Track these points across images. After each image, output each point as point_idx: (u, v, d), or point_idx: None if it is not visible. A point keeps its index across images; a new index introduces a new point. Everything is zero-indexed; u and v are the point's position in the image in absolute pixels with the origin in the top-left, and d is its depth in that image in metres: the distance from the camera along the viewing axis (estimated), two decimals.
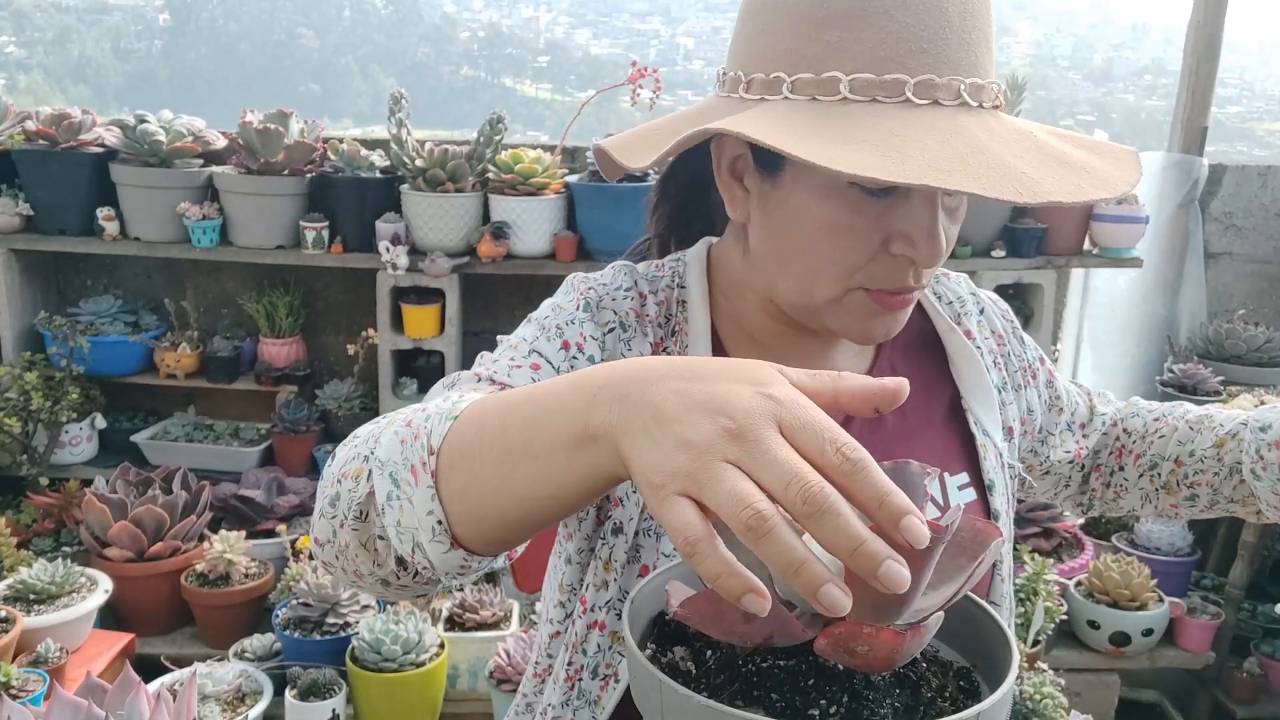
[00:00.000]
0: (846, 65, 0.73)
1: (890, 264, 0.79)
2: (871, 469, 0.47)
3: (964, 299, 1.02)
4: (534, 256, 2.75)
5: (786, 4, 0.76)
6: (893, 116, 0.71)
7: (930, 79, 0.72)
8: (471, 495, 0.60)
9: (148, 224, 2.74)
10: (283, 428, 2.84)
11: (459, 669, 2.43)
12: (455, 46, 77.48)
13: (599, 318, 0.88)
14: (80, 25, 63.79)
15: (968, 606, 0.64)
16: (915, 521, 0.46)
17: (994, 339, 1.02)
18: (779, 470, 0.47)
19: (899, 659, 0.54)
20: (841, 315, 0.83)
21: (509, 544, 0.64)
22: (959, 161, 0.68)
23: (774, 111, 0.74)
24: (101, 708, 0.93)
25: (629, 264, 0.95)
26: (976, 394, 0.96)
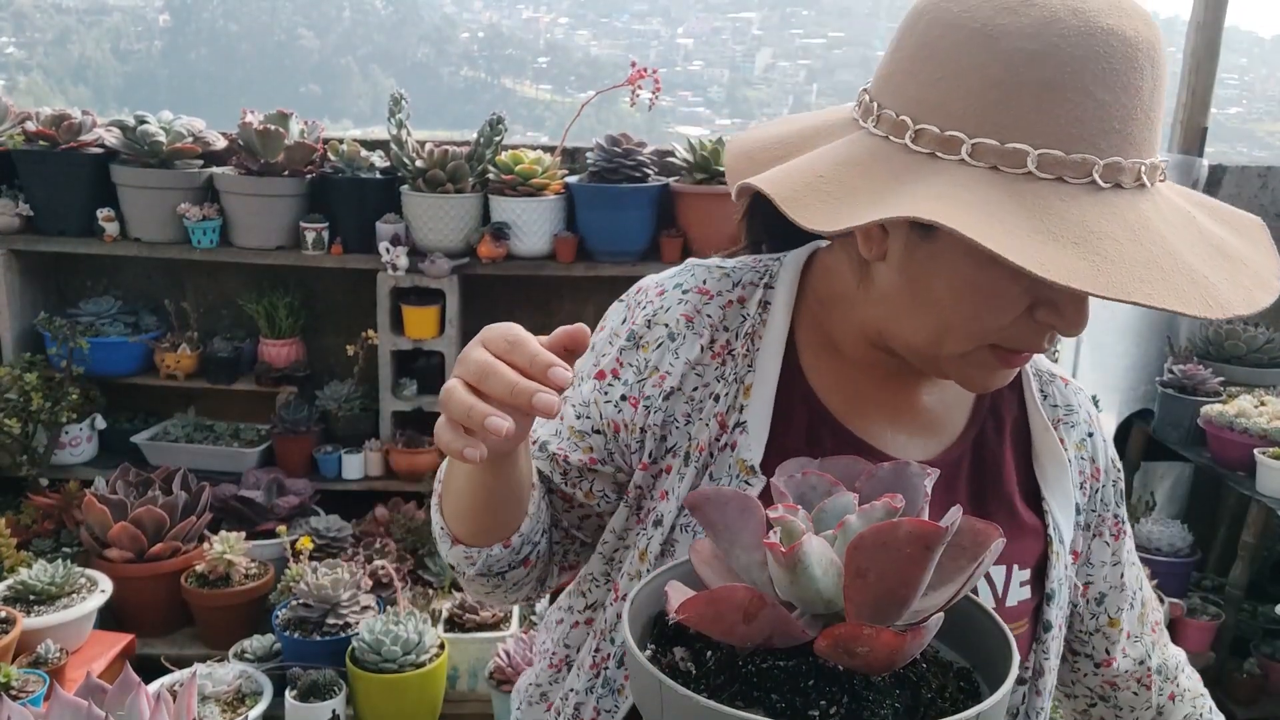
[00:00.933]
0: (1035, 138, 0.69)
1: (1030, 329, 0.77)
2: (524, 345, 0.67)
3: (1075, 410, 0.98)
4: (534, 257, 2.75)
5: (976, 61, 0.71)
6: (1081, 203, 0.69)
7: (1118, 162, 0.70)
8: (448, 502, 0.87)
9: (148, 225, 2.74)
10: (283, 428, 2.84)
11: (459, 669, 2.43)
12: (455, 47, 77.52)
13: (646, 338, 0.90)
14: (80, 26, 63.82)
15: (968, 607, 0.64)
16: (559, 370, 0.66)
17: (1091, 467, 0.97)
18: (467, 363, 0.69)
19: (899, 660, 0.54)
20: (963, 368, 0.82)
21: (485, 531, 0.85)
22: (1156, 268, 0.67)
23: (963, 186, 0.69)
24: (101, 708, 0.93)
25: (706, 263, 0.94)
26: (1058, 497, 0.93)
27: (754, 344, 0.88)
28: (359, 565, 2.55)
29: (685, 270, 0.93)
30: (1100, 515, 0.99)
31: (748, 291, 0.91)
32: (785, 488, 0.63)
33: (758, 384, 0.87)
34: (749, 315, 0.90)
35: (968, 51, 0.71)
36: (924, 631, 0.54)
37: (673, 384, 0.88)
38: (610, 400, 0.89)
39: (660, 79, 2.75)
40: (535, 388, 0.65)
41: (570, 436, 0.91)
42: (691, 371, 0.88)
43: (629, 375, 0.89)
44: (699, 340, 0.88)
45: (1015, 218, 0.67)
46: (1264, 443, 2.57)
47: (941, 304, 0.78)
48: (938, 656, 0.63)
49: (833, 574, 0.55)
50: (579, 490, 0.93)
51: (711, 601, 0.55)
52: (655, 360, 0.89)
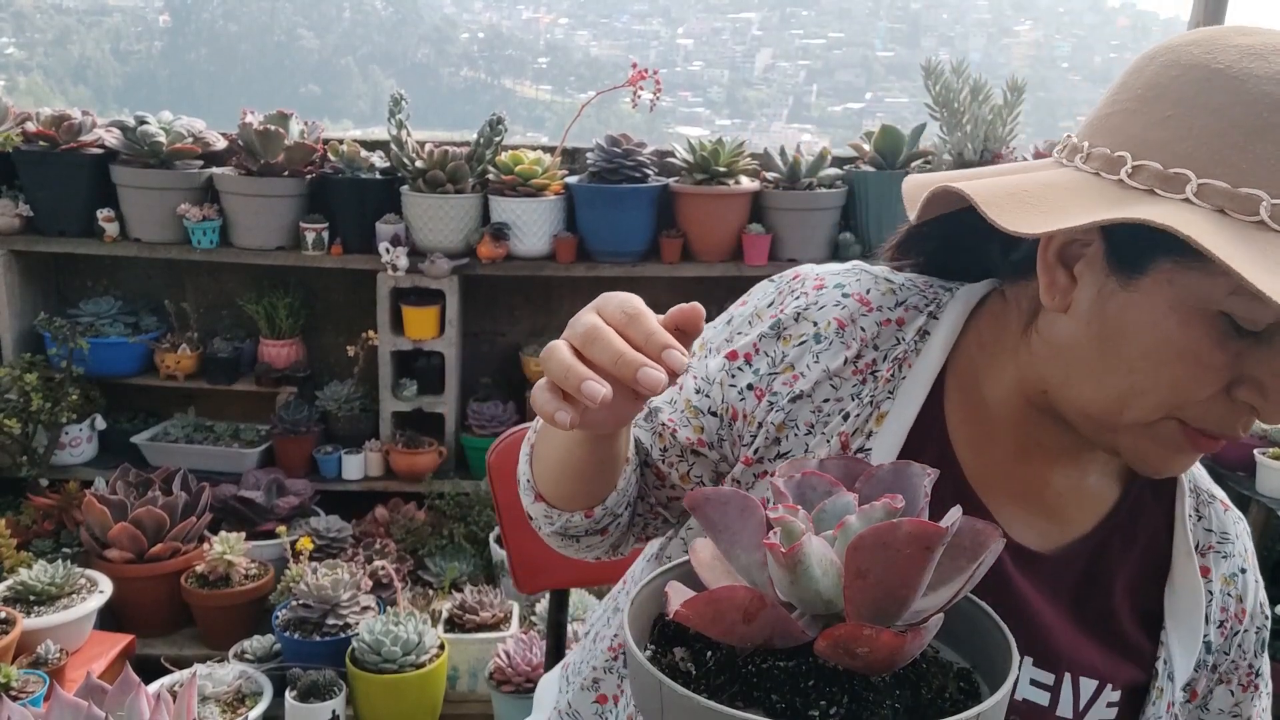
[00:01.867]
0: (1271, 187, 0.63)
1: (1226, 408, 0.70)
2: (643, 319, 0.64)
3: (1230, 540, 0.88)
4: (534, 257, 2.75)
5: (1214, 102, 0.65)
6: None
7: None
8: (540, 458, 0.85)
9: (148, 225, 2.74)
10: (283, 429, 2.84)
11: (459, 670, 2.43)
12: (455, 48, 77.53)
13: (790, 331, 0.84)
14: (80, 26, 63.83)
15: (968, 607, 0.64)
16: (675, 353, 0.62)
17: (1237, 606, 0.88)
18: (576, 327, 0.66)
19: (899, 660, 0.54)
20: (1142, 441, 0.74)
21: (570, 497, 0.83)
22: None
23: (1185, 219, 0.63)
24: (101, 709, 0.93)
25: (874, 271, 0.88)
26: (1182, 630, 0.84)
27: (900, 371, 0.82)
28: (359, 566, 2.55)
29: (851, 272, 0.87)
30: (1234, 661, 0.90)
31: (909, 315, 0.84)
32: (785, 488, 0.63)
33: (894, 415, 0.81)
34: (904, 340, 0.83)
35: (1207, 91, 0.66)
36: (924, 632, 0.54)
37: (804, 387, 0.83)
38: (736, 385, 0.85)
39: (660, 79, 2.75)
40: (642, 360, 0.62)
41: (685, 410, 0.87)
42: (827, 381, 0.83)
43: (762, 365, 0.84)
44: (844, 351, 0.83)
45: (1246, 257, 0.61)
46: (1264, 443, 2.57)
47: (1132, 364, 0.70)
48: (938, 656, 0.63)
49: (833, 574, 0.55)
50: (675, 470, 0.89)
51: (711, 601, 0.55)
52: (793, 357, 0.84)
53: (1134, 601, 0.85)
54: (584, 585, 1.96)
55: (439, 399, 2.82)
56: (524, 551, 1.43)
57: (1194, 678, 0.88)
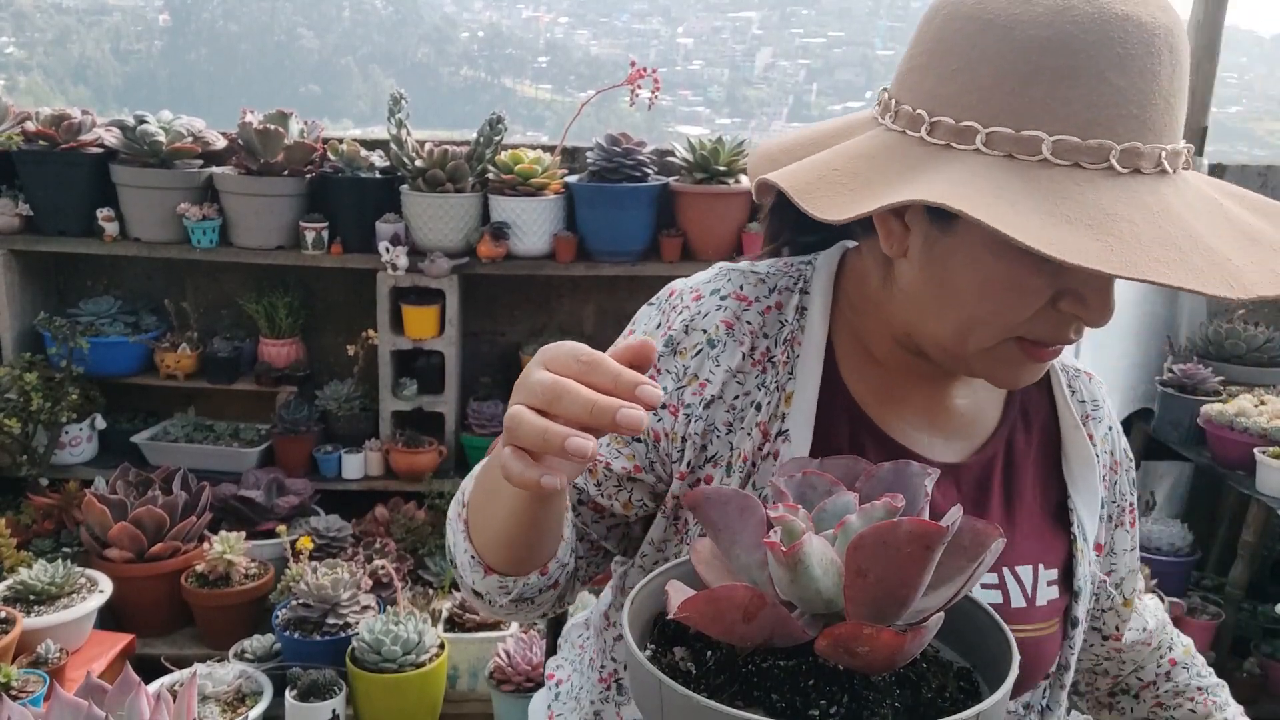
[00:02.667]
0: (1050, 125, 0.69)
1: (1055, 319, 0.77)
2: (602, 363, 0.61)
3: (1099, 404, 0.99)
4: (534, 257, 2.75)
5: (989, 51, 0.71)
6: (1098, 187, 0.68)
7: (1135, 146, 0.69)
8: (481, 530, 0.80)
9: (148, 224, 2.74)
10: (283, 428, 2.84)
11: (459, 669, 2.43)
12: (455, 47, 77.50)
13: (684, 344, 0.88)
14: (80, 26, 63.81)
15: (968, 607, 0.64)
16: (647, 388, 0.59)
17: (1111, 460, 0.99)
18: (531, 387, 0.61)
19: (899, 660, 0.54)
20: (990, 363, 0.81)
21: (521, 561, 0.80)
22: (1173, 248, 0.66)
23: (975, 173, 0.70)
24: (102, 708, 0.93)
25: (739, 268, 0.93)
26: (1085, 497, 0.94)
27: (793, 350, 0.88)
28: (359, 565, 2.55)
29: (720, 275, 0.92)
30: (1120, 506, 1.01)
31: (784, 297, 0.90)
32: (785, 487, 0.63)
33: (799, 391, 0.87)
34: (787, 321, 0.89)
35: (982, 43, 0.71)
36: (924, 631, 0.54)
37: (713, 392, 0.87)
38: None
39: (660, 78, 2.75)
40: (618, 403, 0.59)
41: (611, 443, 0.89)
42: (733, 380, 0.87)
43: (667, 382, 0.88)
44: (740, 348, 0.87)
45: (1028, 201, 0.67)
46: (1264, 442, 2.57)
47: (964, 298, 0.78)
48: (938, 656, 0.63)
49: (833, 574, 0.55)
50: (616, 501, 0.91)
51: (711, 601, 0.55)
52: (694, 367, 0.88)
53: (1044, 484, 0.94)
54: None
55: (439, 398, 2.82)
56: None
57: (1097, 533, 0.97)
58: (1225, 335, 2.99)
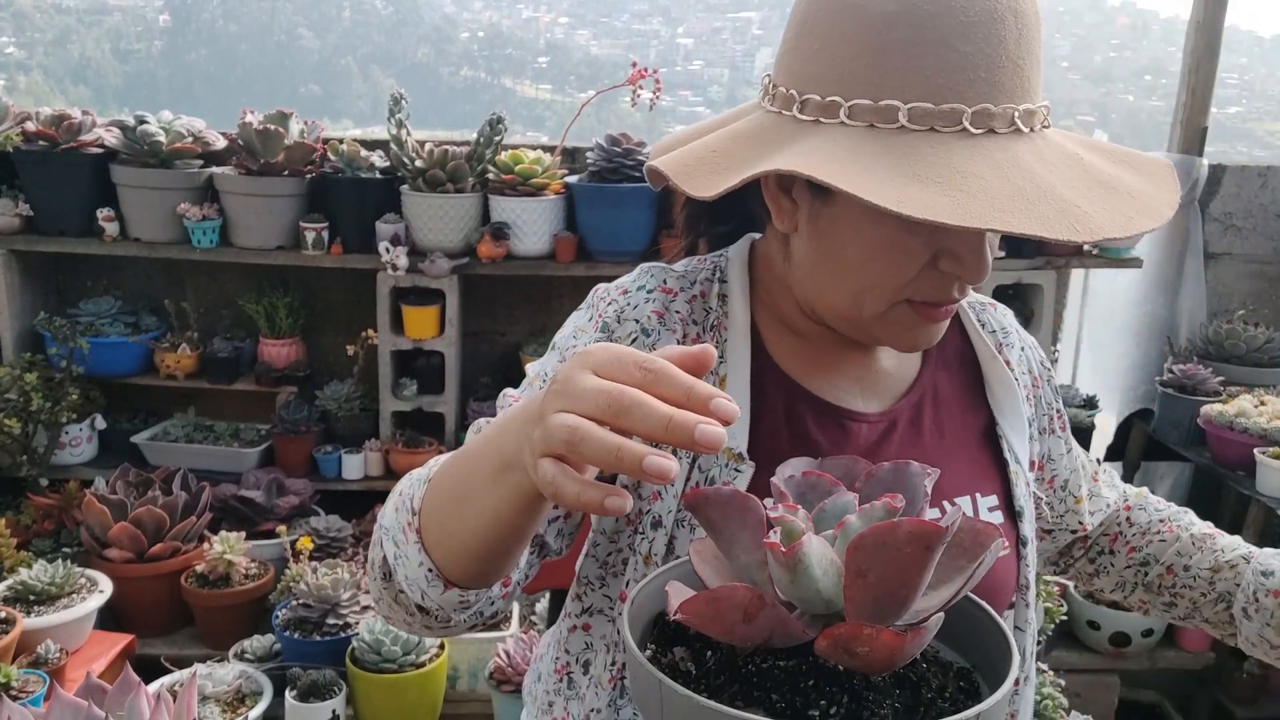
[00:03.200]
0: (904, 93, 0.73)
1: (937, 279, 0.81)
2: (671, 372, 0.56)
3: (1008, 331, 1.04)
4: (534, 257, 2.75)
5: (845, 28, 0.76)
6: (952, 148, 0.72)
7: (986, 108, 0.73)
8: (444, 541, 0.73)
9: (148, 225, 2.74)
10: (283, 428, 2.84)
11: (459, 670, 2.43)
12: (455, 47, 77.49)
13: (619, 332, 0.91)
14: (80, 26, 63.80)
15: (968, 607, 0.64)
16: (723, 402, 0.55)
17: (1030, 377, 1.04)
18: (587, 394, 0.56)
19: (899, 660, 0.54)
20: (886, 328, 0.85)
21: (489, 574, 0.75)
22: (1021, 199, 0.70)
23: (835, 141, 0.74)
24: (101, 708, 0.93)
25: (659, 265, 0.97)
26: (1011, 421, 0.98)
27: (721, 335, 0.91)
28: (359, 565, 2.55)
29: (643, 274, 0.96)
30: (1048, 415, 1.06)
31: (705, 287, 0.94)
32: (785, 487, 0.63)
33: (731, 373, 0.90)
34: (712, 309, 0.93)
35: (839, 22, 0.76)
36: (924, 631, 0.54)
37: None
38: None
39: (660, 78, 2.75)
40: (695, 418, 0.53)
41: None
42: None
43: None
44: (674, 335, 0.90)
45: (883, 164, 0.71)
46: (1264, 442, 2.57)
47: (851, 266, 0.82)
48: (938, 656, 0.63)
49: (833, 574, 0.55)
50: None
51: (711, 601, 0.55)
52: None
53: (972, 415, 0.98)
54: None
55: (439, 398, 2.82)
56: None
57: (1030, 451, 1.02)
58: (1225, 336, 2.99)
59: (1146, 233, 0.74)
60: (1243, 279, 3.23)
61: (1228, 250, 3.21)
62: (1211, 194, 3.16)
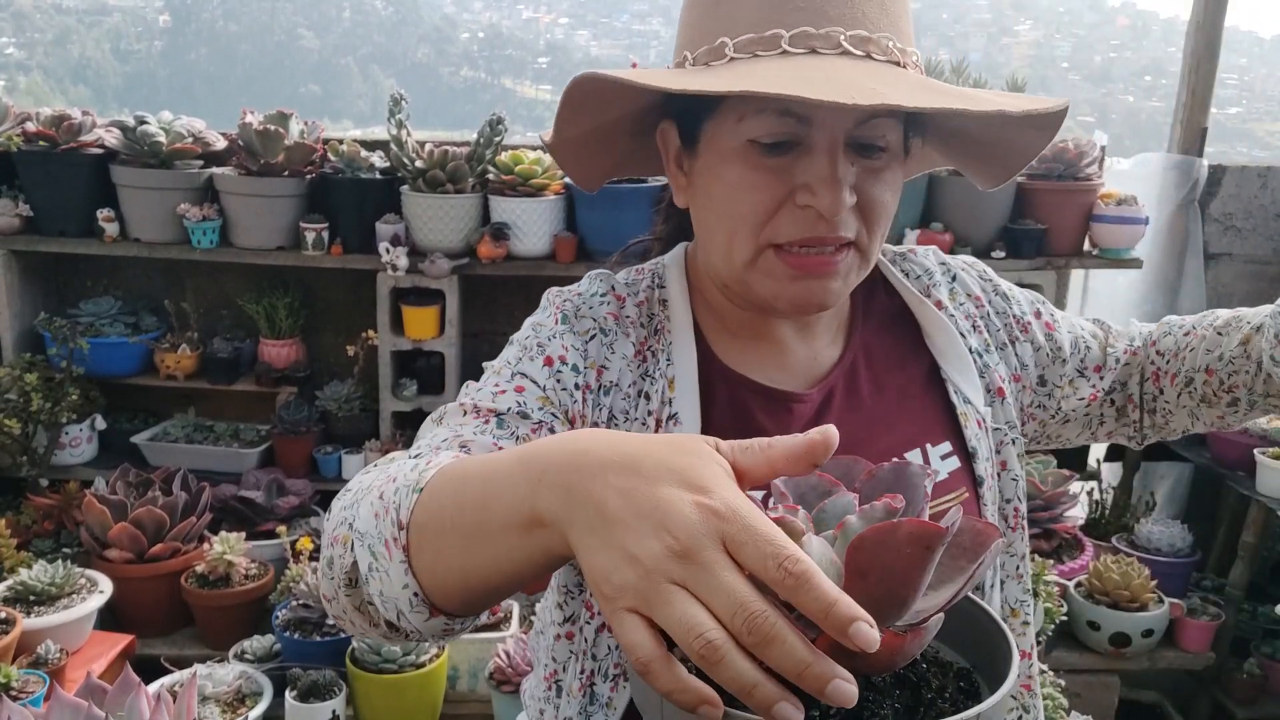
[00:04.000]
0: (733, 31, 0.80)
1: (796, 216, 0.83)
2: (815, 580, 0.47)
3: (932, 270, 1.04)
4: (534, 257, 2.75)
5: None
6: (765, 61, 0.78)
7: (806, 30, 0.78)
8: (439, 570, 0.63)
9: (148, 225, 2.74)
10: (283, 429, 2.84)
11: (459, 670, 2.43)
12: (455, 47, 77.46)
13: (578, 327, 0.91)
14: (80, 26, 63.78)
15: (968, 607, 0.64)
16: (864, 627, 0.47)
17: (971, 301, 1.03)
18: (726, 598, 0.48)
19: (899, 660, 0.54)
20: (761, 280, 0.86)
21: (484, 606, 0.67)
22: (799, 80, 0.73)
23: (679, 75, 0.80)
24: (102, 708, 0.93)
25: (604, 271, 0.99)
26: (954, 363, 0.98)
27: (666, 338, 0.93)
28: None
29: (595, 279, 0.97)
30: (1006, 326, 1.04)
31: (646, 294, 0.96)
32: (785, 488, 0.63)
33: (679, 374, 0.91)
34: (655, 314, 0.94)
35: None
36: (924, 632, 0.54)
37: (611, 378, 0.90)
38: (565, 387, 0.87)
39: None
40: (831, 672, 0.47)
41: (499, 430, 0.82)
42: (627, 367, 0.91)
43: (575, 359, 0.89)
44: (628, 339, 0.92)
45: (698, 77, 0.78)
46: (1264, 443, 2.57)
47: (718, 213, 0.86)
48: (938, 656, 0.63)
49: (833, 574, 0.55)
50: None
51: None
52: (593, 354, 0.90)
53: (911, 365, 0.98)
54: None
55: (439, 399, 2.82)
56: None
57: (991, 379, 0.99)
58: None
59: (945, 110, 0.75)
60: (1242, 279, 3.23)
61: (1227, 250, 3.21)
62: (1211, 194, 3.16)
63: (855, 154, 0.83)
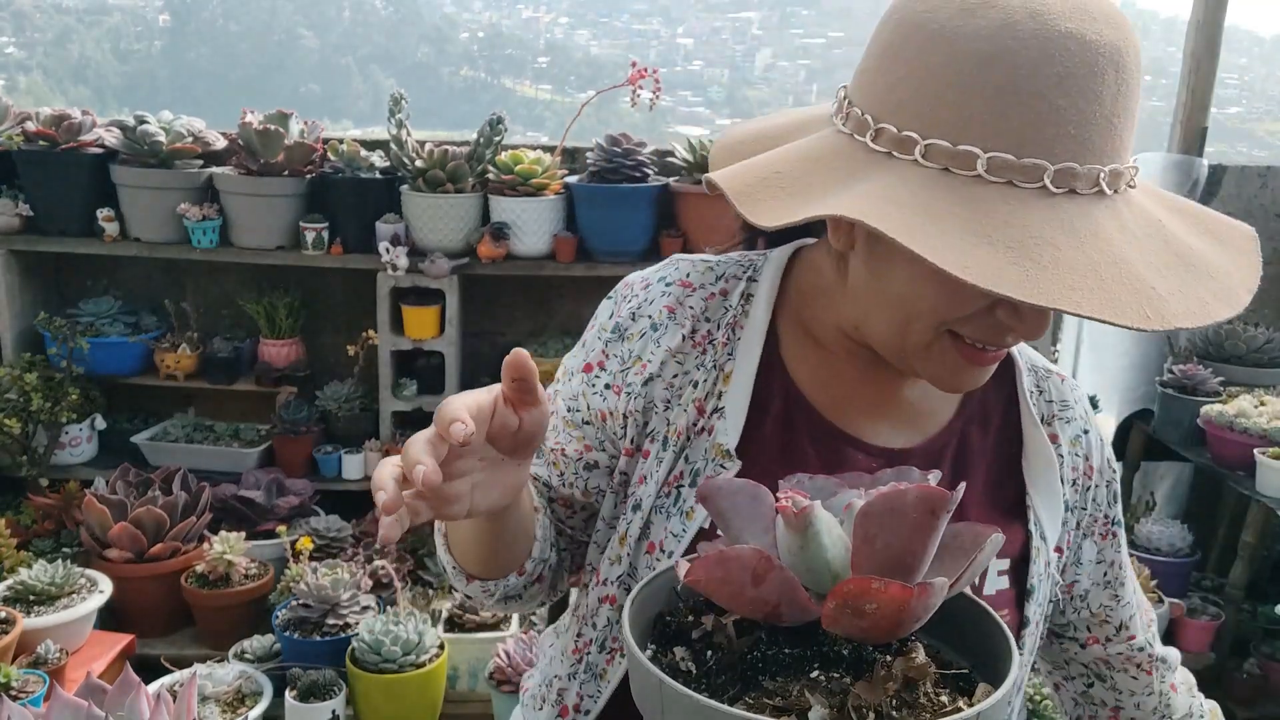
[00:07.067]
0: (985, 141, 0.69)
1: (991, 324, 0.77)
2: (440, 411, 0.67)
3: (1070, 406, 0.98)
4: (534, 257, 2.75)
5: (932, 62, 0.71)
6: (1029, 208, 0.68)
7: (1070, 168, 0.69)
8: (456, 542, 0.89)
9: (148, 224, 2.74)
10: (282, 429, 2.84)
11: (459, 670, 2.43)
12: (455, 47, 77.48)
13: (630, 330, 0.92)
14: (80, 26, 63.77)
15: (969, 608, 0.64)
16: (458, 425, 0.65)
17: (1085, 464, 0.97)
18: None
19: (906, 619, 0.54)
20: (929, 362, 0.81)
21: (499, 566, 0.88)
22: (1094, 275, 0.66)
23: (905, 184, 0.70)
24: (101, 709, 0.93)
25: (690, 258, 0.97)
26: (1044, 495, 0.93)
27: (735, 334, 0.91)
28: (359, 565, 2.55)
29: (670, 264, 0.96)
30: (1092, 516, 0.99)
31: (730, 284, 0.93)
32: (793, 490, 0.64)
33: (737, 372, 0.89)
34: (731, 306, 0.92)
35: (926, 53, 0.71)
36: (930, 589, 0.54)
37: (652, 370, 0.90)
38: (596, 390, 0.93)
39: (660, 78, 2.75)
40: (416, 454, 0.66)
41: (565, 428, 0.95)
42: (672, 359, 0.90)
43: (613, 365, 0.92)
44: (680, 330, 0.91)
45: (954, 219, 0.67)
46: (1264, 443, 2.57)
47: (902, 295, 0.79)
48: (938, 656, 0.63)
49: (841, 547, 0.56)
50: (577, 489, 0.95)
51: (721, 561, 0.56)
52: (638, 350, 0.91)
53: (1000, 478, 0.93)
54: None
55: (439, 398, 2.80)
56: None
57: (1060, 536, 0.95)
58: (1225, 336, 2.99)
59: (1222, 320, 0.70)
60: None
61: None
62: (1211, 194, 3.16)
63: None
